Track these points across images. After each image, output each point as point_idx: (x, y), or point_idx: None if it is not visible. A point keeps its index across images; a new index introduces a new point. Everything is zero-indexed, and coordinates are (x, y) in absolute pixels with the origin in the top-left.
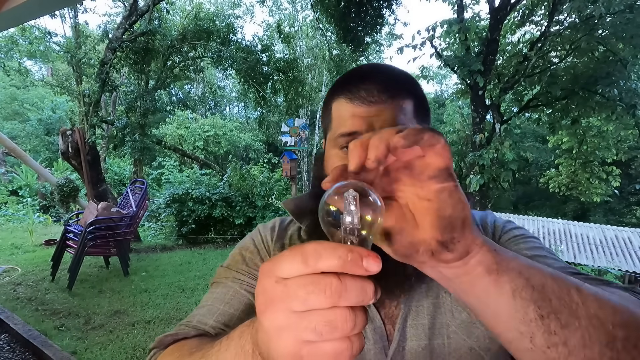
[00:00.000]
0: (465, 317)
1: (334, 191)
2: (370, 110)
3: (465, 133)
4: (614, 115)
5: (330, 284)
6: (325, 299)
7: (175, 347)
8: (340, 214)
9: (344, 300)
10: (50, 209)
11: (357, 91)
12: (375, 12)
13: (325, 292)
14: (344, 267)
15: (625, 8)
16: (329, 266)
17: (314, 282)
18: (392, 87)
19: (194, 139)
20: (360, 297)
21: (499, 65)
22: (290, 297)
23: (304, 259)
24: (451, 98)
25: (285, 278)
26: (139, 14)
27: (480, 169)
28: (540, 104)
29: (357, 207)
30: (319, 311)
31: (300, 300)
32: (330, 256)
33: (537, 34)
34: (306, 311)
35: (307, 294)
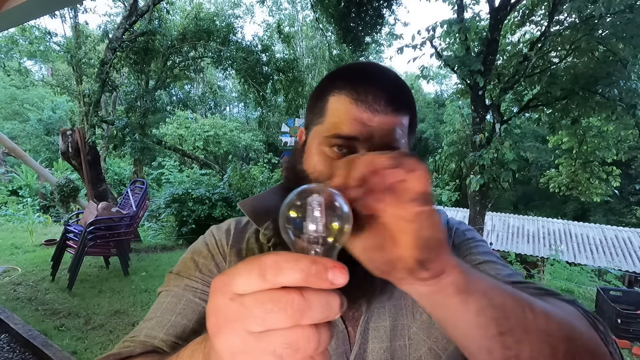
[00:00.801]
0: (425, 318)
1: (297, 196)
2: (374, 119)
3: (465, 133)
4: (614, 115)
5: (292, 301)
6: (287, 318)
7: None
8: (303, 221)
9: (307, 318)
10: (50, 209)
11: (364, 94)
12: (375, 12)
13: (287, 310)
14: (307, 281)
15: (625, 8)
16: (291, 280)
17: (274, 299)
18: (399, 100)
19: (194, 139)
20: (325, 313)
21: (499, 65)
22: (247, 316)
23: (262, 272)
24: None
25: (241, 294)
26: (139, 14)
27: (480, 169)
28: (540, 104)
29: (322, 213)
30: (279, 331)
31: (258, 320)
32: (291, 269)
33: (537, 34)
34: (265, 332)
35: (265, 313)
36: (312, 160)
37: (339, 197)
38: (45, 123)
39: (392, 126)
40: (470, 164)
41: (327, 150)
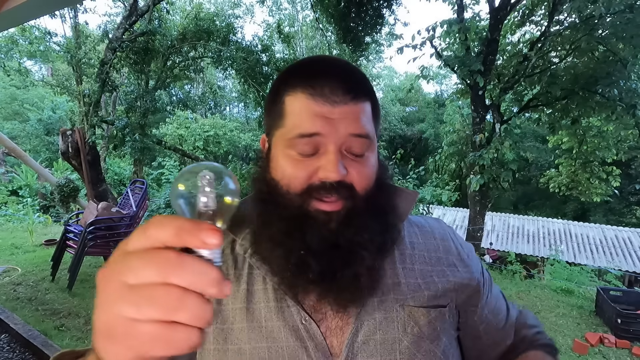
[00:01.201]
0: (416, 331)
1: (188, 172)
2: (334, 111)
3: (465, 133)
4: (614, 115)
5: (166, 256)
6: (156, 270)
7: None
8: (194, 197)
9: (176, 276)
10: (50, 209)
11: (320, 88)
12: (375, 12)
13: (158, 264)
14: (180, 236)
15: (625, 8)
16: (165, 235)
17: (150, 254)
18: (356, 87)
19: (194, 139)
20: (197, 278)
21: (499, 65)
22: (125, 268)
23: (145, 228)
24: (451, 98)
25: (129, 252)
26: (139, 14)
27: (480, 169)
28: (540, 104)
29: (212, 188)
30: (148, 285)
31: (133, 271)
32: (168, 225)
33: (537, 34)
34: (138, 285)
35: (139, 265)
36: (280, 165)
37: (227, 173)
38: (45, 123)
39: (355, 114)
40: (470, 164)
41: (292, 154)
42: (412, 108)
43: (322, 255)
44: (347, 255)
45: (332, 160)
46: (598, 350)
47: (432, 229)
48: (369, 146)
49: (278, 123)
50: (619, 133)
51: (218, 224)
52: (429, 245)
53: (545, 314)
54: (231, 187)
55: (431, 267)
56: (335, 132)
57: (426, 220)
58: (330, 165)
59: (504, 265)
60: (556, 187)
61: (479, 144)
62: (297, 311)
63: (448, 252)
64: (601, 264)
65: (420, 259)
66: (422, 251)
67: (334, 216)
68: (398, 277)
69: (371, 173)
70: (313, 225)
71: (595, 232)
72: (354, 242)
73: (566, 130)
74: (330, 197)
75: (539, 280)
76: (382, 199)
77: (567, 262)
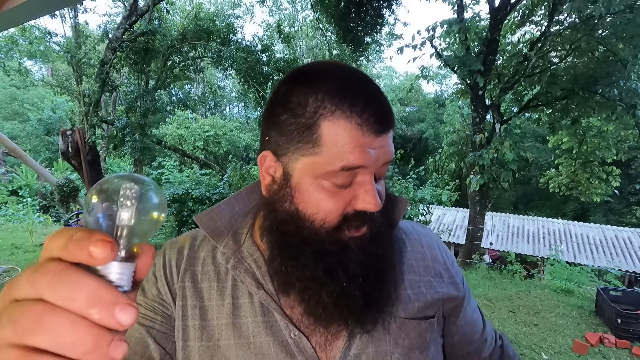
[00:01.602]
0: (407, 343)
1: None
2: (375, 142)
3: (465, 133)
4: (614, 115)
5: (49, 268)
6: (29, 282)
7: None
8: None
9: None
10: (50, 209)
11: (367, 117)
12: (375, 12)
13: (37, 275)
14: (66, 247)
15: (625, 8)
16: (56, 246)
17: (38, 266)
18: (390, 114)
19: (194, 139)
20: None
21: (499, 65)
22: (15, 282)
23: (45, 244)
24: (451, 98)
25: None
26: (139, 14)
27: (480, 169)
28: (540, 104)
29: (131, 202)
30: (22, 302)
31: (15, 285)
32: (62, 236)
33: (537, 34)
34: (18, 300)
35: (23, 278)
36: (314, 199)
37: (149, 185)
38: (45, 123)
39: (389, 143)
40: (470, 164)
41: (327, 185)
42: (412, 108)
43: (363, 281)
44: (380, 274)
45: (371, 191)
46: (598, 350)
47: (419, 236)
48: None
49: (309, 150)
50: (619, 133)
51: (133, 239)
52: (416, 253)
53: (545, 314)
54: (154, 202)
55: (419, 277)
56: (375, 163)
57: (413, 226)
58: (369, 197)
59: (504, 265)
60: (556, 187)
61: (479, 144)
62: (286, 325)
63: (435, 261)
64: (601, 264)
65: (409, 269)
66: (410, 260)
67: (361, 239)
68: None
69: (385, 192)
70: (351, 254)
71: (595, 232)
72: (385, 259)
73: (566, 130)
74: (363, 225)
75: (539, 280)
76: (394, 222)
77: (567, 262)
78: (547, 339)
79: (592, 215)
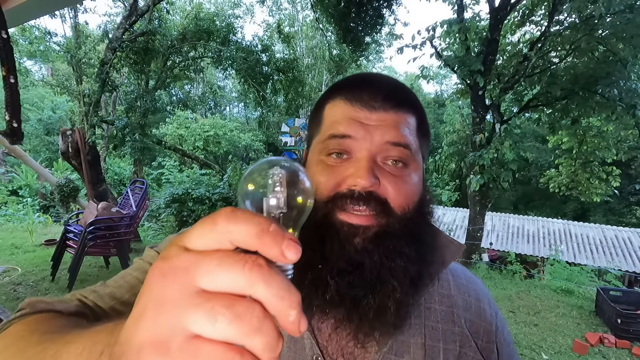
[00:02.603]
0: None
1: (257, 169)
2: (372, 117)
3: (465, 133)
4: (614, 115)
5: (257, 263)
6: (245, 278)
7: (35, 320)
8: (263, 196)
9: (264, 285)
10: (50, 209)
11: (359, 93)
12: (375, 12)
13: (247, 269)
14: (261, 239)
15: (625, 8)
16: (242, 234)
17: (235, 256)
18: (399, 96)
19: (194, 139)
20: (284, 293)
21: (499, 65)
22: (198, 268)
23: (214, 221)
24: (451, 98)
25: (199, 250)
26: (139, 14)
27: (480, 169)
28: (540, 104)
29: (283, 187)
30: (226, 296)
31: (211, 274)
32: (246, 222)
33: (537, 34)
34: (214, 293)
35: (220, 267)
36: (311, 172)
37: (300, 170)
38: (45, 123)
39: (395, 122)
40: (470, 164)
41: (325, 159)
42: None
43: (342, 274)
44: (373, 280)
45: (363, 165)
46: (598, 350)
47: (468, 283)
48: (411, 160)
49: (316, 131)
50: (619, 133)
51: (289, 229)
52: (459, 300)
53: (545, 314)
54: (307, 186)
55: (458, 328)
56: (369, 138)
57: (464, 271)
58: (360, 171)
59: (504, 265)
60: (556, 187)
61: (479, 144)
62: (311, 346)
63: (480, 317)
64: (601, 264)
65: (447, 317)
66: (451, 307)
67: (360, 231)
68: (423, 337)
69: (411, 191)
70: (334, 238)
71: (595, 232)
72: (383, 266)
73: (566, 130)
74: (358, 208)
75: (538, 280)
76: (424, 226)
77: (567, 262)
78: (547, 339)
79: (592, 215)
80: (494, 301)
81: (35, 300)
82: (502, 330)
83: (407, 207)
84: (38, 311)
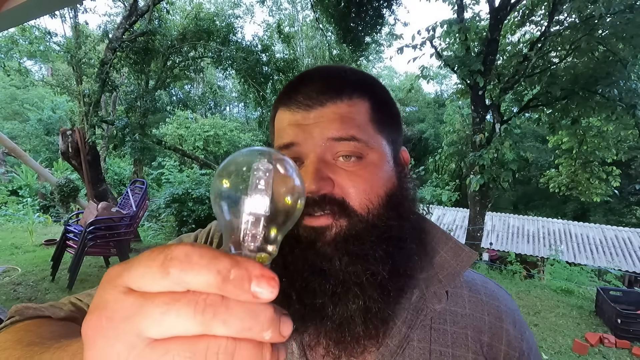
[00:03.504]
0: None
1: (237, 161)
2: (309, 116)
3: (465, 133)
4: (614, 115)
5: (208, 301)
6: (194, 319)
7: (21, 329)
8: (243, 195)
9: (222, 324)
10: (50, 209)
11: (294, 95)
12: (375, 12)
13: (195, 308)
14: (222, 288)
15: (625, 8)
16: (200, 282)
17: (183, 298)
18: (334, 85)
19: (194, 139)
20: (248, 324)
21: (499, 65)
22: (143, 314)
23: (165, 264)
24: (451, 98)
25: (145, 293)
26: (139, 14)
27: (480, 169)
28: (540, 104)
29: (268, 185)
30: (181, 339)
31: (157, 321)
32: (204, 267)
33: (537, 34)
34: (162, 340)
35: (167, 313)
36: None
37: (289, 163)
38: (45, 123)
39: (333, 115)
40: (470, 164)
41: None
42: (412, 108)
43: (306, 283)
44: (335, 288)
45: (308, 170)
46: (598, 351)
47: (487, 299)
48: (365, 150)
49: (273, 142)
50: (619, 133)
51: (272, 233)
52: (475, 320)
53: (545, 314)
54: (297, 184)
55: (472, 355)
56: (310, 139)
57: (486, 285)
58: (305, 177)
59: (504, 265)
60: (556, 187)
61: (479, 144)
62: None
63: (499, 340)
64: (601, 264)
65: (460, 340)
66: (464, 328)
67: (320, 233)
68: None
69: (371, 185)
70: (298, 244)
71: (595, 232)
72: (345, 272)
73: (566, 130)
74: (316, 212)
75: (538, 280)
76: (398, 222)
77: (567, 262)
78: (547, 339)
79: (592, 215)
80: (522, 319)
81: (23, 306)
82: (529, 355)
83: (369, 203)
84: (27, 318)
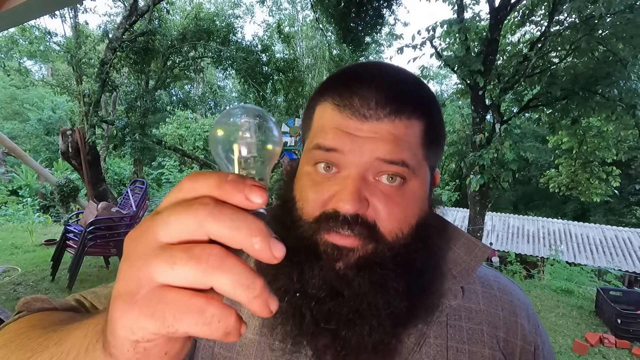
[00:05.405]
0: None
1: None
2: (363, 128)
3: (465, 133)
4: (614, 115)
5: (203, 202)
6: (193, 218)
7: (34, 317)
8: (233, 143)
9: (214, 222)
10: (50, 209)
11: (349, 97)
12: (375, 12)
13: (193, 210)
14: (221, 187)
15: (625, 8)
16: (203, 188)
17: (185, 203)
18: (398, 99)
19: (194, 139)
20: (238, 223)
21: (499, 65)
22: (156, 224)
23: (179, 185)
24: (451, 98)
25: (161, 210)
26: (139, 14)
27: (480, 169)
28: (540, 104)
29: (254, 134)
30: (184, 242)
31: (166, 226)
32: (206, 178)
33: (537, 34)
34: (171, 242)
35: (173, 217)
36: (300, 184)
37: (269, 118)
38: (45, 123)
39: (390, 134)
40: (470, 164)
41: (312, 172)
42: None
43: (319, 304)
44: (351, 314)
45: (348, 187)
46: (598, 351)
47: (501, 294)
48: (410, 176)
49: (307, 134)
50: (619, 133)
51: (259, 173)
52: (490, 315)
53: (545, 314)
54: (274, 134)
55: (488, 350)
56: (359, 153)
57: (498, 280)
58: (344, 193)
59: (504, 265)
60: (556, 187)
61: (479, 144)
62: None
63: (511, 333)
64: (601, 264)
65: (476, 336)
66: (479, 324)
67: (343, 253)
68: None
69: (406, 215)
70: (317, 260)
71: (595, 232)
72: (364, 299)
73: (566, 130)
74: (342, 233)
75: (538, 280)
76: (424, 255)
77: (567, 262)
78: None
79: (592, 215)
80: (535, 312)
81: (30, 299)
82: (543, 349)
83: (400, 232)
84: (35, 311)
